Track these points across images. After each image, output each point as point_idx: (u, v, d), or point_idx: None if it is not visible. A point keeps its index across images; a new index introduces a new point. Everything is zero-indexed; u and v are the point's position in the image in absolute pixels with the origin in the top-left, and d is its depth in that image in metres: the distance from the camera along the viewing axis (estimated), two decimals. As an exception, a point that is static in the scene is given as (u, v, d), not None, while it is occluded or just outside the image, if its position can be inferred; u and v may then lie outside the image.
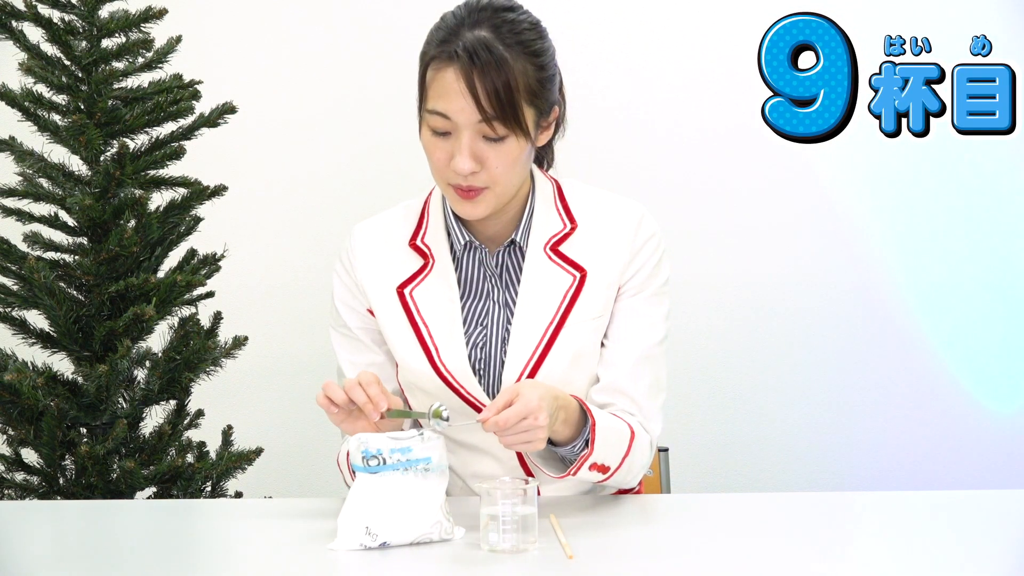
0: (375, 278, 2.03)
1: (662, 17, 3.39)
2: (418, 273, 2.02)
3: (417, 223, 2.06)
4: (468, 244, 2.02)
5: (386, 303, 2.02)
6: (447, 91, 1.88)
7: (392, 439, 1.73)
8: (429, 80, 1.91)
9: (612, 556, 1.69)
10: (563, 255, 2.00)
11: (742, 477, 3.45)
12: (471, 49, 1.85)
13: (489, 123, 1.86)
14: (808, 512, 1.96)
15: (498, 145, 1.89)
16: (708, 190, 3.41)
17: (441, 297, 2.00)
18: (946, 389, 3.44)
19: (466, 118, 1.87)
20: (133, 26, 2.65)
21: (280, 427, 3.40)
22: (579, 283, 1.99)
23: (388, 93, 3.37)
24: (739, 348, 3.44)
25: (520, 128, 1.88)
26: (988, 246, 3.42)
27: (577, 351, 1.98)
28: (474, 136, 1.88)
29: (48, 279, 2.54)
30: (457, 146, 1.89)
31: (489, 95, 1.85)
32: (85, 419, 2.58)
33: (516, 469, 2.03)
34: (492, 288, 2.01)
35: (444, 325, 1.99)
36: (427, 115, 1.92)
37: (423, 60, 1.94)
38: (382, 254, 2.05)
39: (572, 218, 2.03)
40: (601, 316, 2.00)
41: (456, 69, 1.86)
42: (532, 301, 1.99)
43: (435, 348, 1.98)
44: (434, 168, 1.95)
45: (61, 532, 1.91)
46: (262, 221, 3.39)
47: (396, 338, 2.01)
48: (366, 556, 1.68)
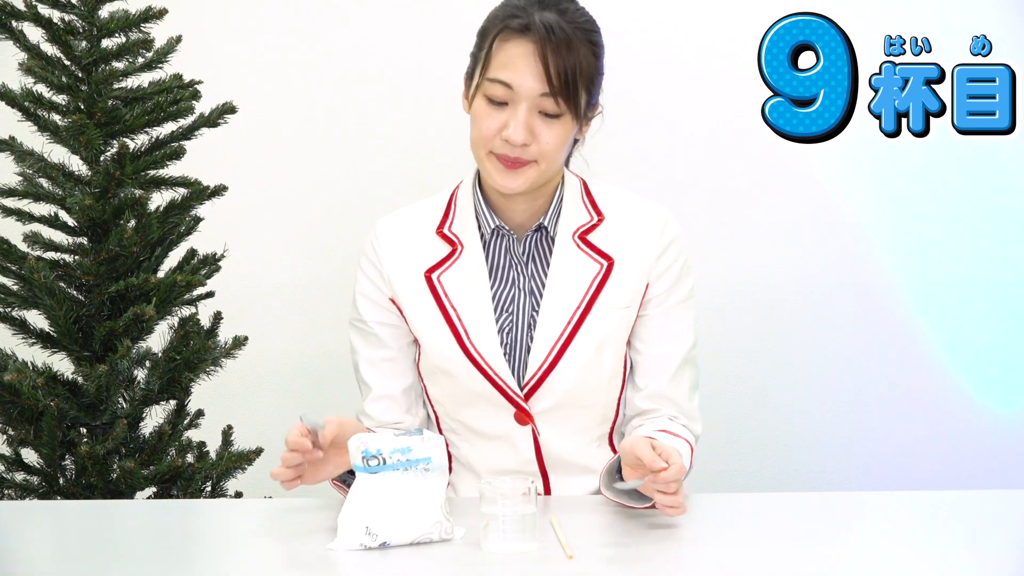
0: (402, 265, 2.08)
1: (661, 17, 3.39)
2: (446, 259, 2.07)
3: (444, 213, 2.11)
4: (496, 230, 2.07)
5: (413, 288, 2.06)
6: (514, 62, 1.96)
7: (392, 439, 1.73)
8: (495, 50, 1.98)
9: (612, 556, 1.69)
10: (591, 244, 2.06)
11: (743, 477, 3.45)
12: (547, 25, 1.94)
13: (553, 97, 1.95)
14: (808, 512, 1.96)
15: (552, 122, 1.97)
16: (708, 190, 3.40)
17: (470, 281, 2.05)
18: (945, 389, 3.44)
19: (529, 90, 1.95)
20: (133, 26, 2.65)
21: (280, 427, 3.38)
22: (606, 272, 2.05)
23: (389, 93, 3.38)
24: (738, 348, 3.44)
25: (575, 109, 1.97)
26: (988, 246, 3.41)
27: (603, 339, 2.04)
28: (531, 109, 1.96)
29: (48, 279, 2.54)
30: (513, 116, 1.96)
31: (558, 71, 1.94)
32: (85, 419, 2.58)
33: (531, 463, 2.05)
34: (518, 275, 2.06)
35: (473, 308, 2.04)
36: (486, 83, 1.98)
37: (488, 32, 2.01)
38: (409, 242, 2.09)
39: (599, 212, 2.09)
40: (629, 307, 2.06)
41: (529, 41, 1.95)
42: (560, 288, 2.04)
43: (465, 331, 2.03)
44: (480, 137, 2.01)
45: (61, 532, 1.91)
46: (262, 221, 3.39)
47: (423, 322, 2.05)
48: (366, 556, 1.68)
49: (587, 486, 2.07)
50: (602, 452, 2.09)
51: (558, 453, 2.06)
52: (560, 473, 2.06)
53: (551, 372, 2.02)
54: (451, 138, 3.30)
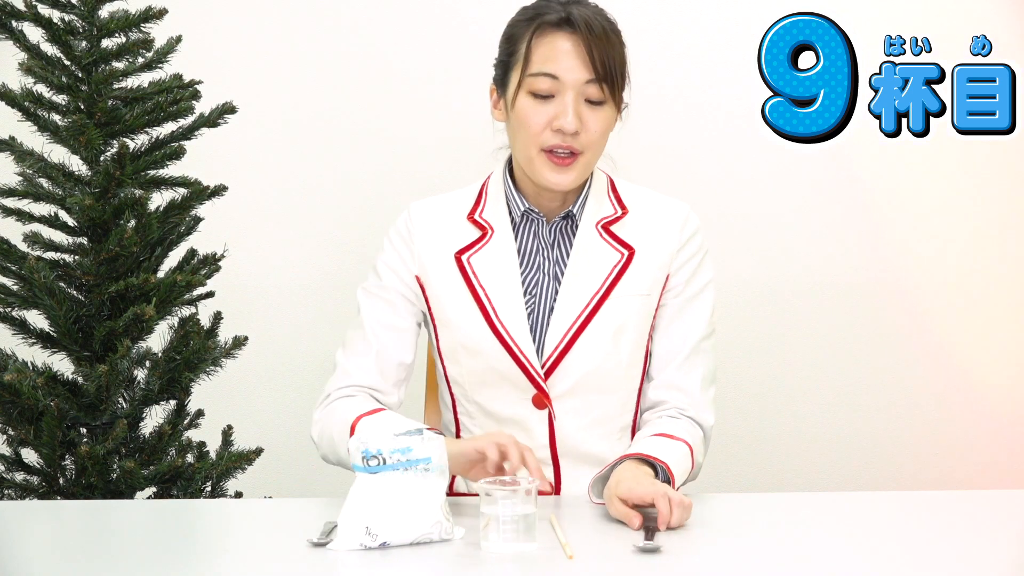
0: (433, 245, 2.13)
1: (661, 17, 3.39)
2: (476, 242, 2.12)
3: (476, 200, 2.17)
4: (526, 214, 2.12)
5: (442, 268, 2.12)
6: (557, 53, 2.02)
7: (392, 439, 1.73)
8: (534, 46, 2.04)
9: (612, 556, 1.69)
10: (613, 234, 2.12)
11: (743, 477, 3.45)
12: (585, 17, 2.02)
13: (599, 84, 2.02)
14: (808, 512, 1.96)
15: (598, 109, 2.05)
16: (708, 190, 3.40)
17: (499, 263, 2.10)
18: (945, 388, 3.44)
19: (575, 77, 2.02)
20: (133, 26, 2.64)
21: (280, 427, 3.40)
22: (626, 260, 2.11)
23: (389, 93, 3.37)
24: (737, 348, 3.44)
25: (616, 95, 2.06)
26: (988, 246, 3.41)
27: (621, 324, 2.09)
28: (578, 98, 2.02)
29: (48, 279, 2.54)
30: (562, 106, 2.02)
31: (601, 58, 2.02)
32: (85, 419, 2.58)
33: (544, 448, 2.08)
34: (544, 260, 2.12)
35: (502, 289, 2.09)
36: (530, 79, 2.04)
37: (519, 34, 2.06)
38: (441, 225, 2.15)
39: (623, 206, 2.16)
40: (649, 295, 2.11)
41: (570, 33, 2.02)
42: (580, 272, 2.09)
43: (493, 310, 2.08)
44: (529, 135, 2.05)
45: (61, 532, 1.91)
46: (262, 221, 3.39)
47: (451, 300, 2.11)
48: (366, 556, 1.68)
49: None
50: (619, 446, 2.11)
51: (573, 442, 2.08)
52: (572, 463, 2.08)
53: (568, 352, 2.07)
54: (452, 138, 3.31)
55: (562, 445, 2.08)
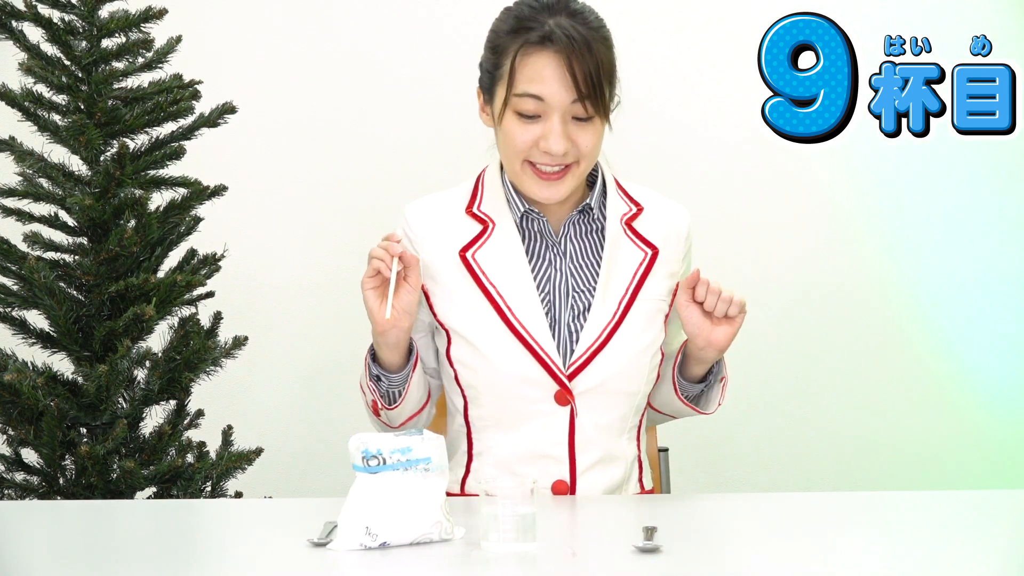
0: (435, 247, 2.09)
1: (661, 17, 3.39)
2: (479, 237, 2.08)
3: (472, 194, 2.13)
4: (525, 214, 2.09)
5: (448, 269, 2.08)
6: (542, 74, 1.97)
7: (392, 439, 1.73)
8: (518, 65, 1.98)
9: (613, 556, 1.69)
10: (636, 231, 2.11)
11: (742, 477, 3.45)
12: (567, 33, 1.96)
13: (583, 102, 1.97)
14: (808, 512, 1.96)
15: (586, 125, 2.01)
16: (707, 190, 3.40)
17: (506, 258, 2.06)
18: (946, 388, 3.44)
19: (560, 99, 1.97)
20: (133, 26, 2.64)
21: (280, 427, 3.40)
22: (651, 260, 2.10)
23: (389, 93, 3.38)
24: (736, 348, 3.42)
25: (604, 108, 2.01)
26: (988, 246, 3.41)
27: (646, 325, 2.09)
28: (564, 118, 1.99)
29: (48, 279, 2.54)
30: (549, 128, 1.98)
31: (585, 76, 1.96)
32: (85, 419, 2.58)
33: (561, 445, 2.05)
34: (554, 256, 2.08)
35: (513, 285, 2.05)
36: (515, 99, 1.99)
37: (504, 47, 2.01)
38: (439, 224, 2.11)
39: (636, 203, 2.14)
40: (664, 300, 2.12)
41: (553, 52, 1.97)
42: (612, 271, 2.07)
43: (507, 307, 2.04)
44: (514, 152, 2.02)
45: (61, 532, 1.91)
46: (262, 221, 3.39)
47: (461, 301, 2.06)
48: (366, 556, 1.68)
49: (609, 477, 2.08)
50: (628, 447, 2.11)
51: (591, 437, 2.06)
52: (588, 459, 2.06)
53: (600, 352, 2.05)
54: (452, 138, 3.30)
55: (580, 442, 2.06)
